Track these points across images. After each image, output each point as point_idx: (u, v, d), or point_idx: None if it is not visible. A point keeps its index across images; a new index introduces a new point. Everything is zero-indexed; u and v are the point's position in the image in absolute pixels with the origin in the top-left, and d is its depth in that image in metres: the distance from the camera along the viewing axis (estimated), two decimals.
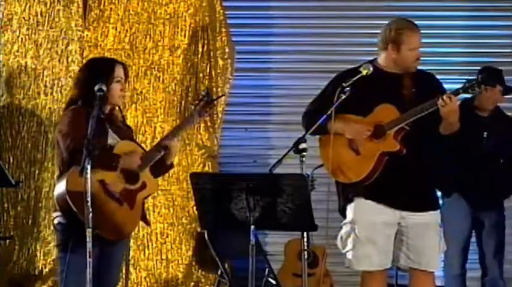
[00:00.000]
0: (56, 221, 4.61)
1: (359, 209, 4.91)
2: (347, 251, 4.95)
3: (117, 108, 4.82)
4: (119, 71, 4.70)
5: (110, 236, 4.52)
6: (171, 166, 4.91)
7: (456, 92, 4.81)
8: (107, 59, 4.91)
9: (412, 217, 4.90)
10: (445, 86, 5.07)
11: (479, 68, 5.94)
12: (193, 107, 4.94)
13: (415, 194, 4.89)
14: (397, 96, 4.89)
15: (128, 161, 4.59)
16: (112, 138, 4.65)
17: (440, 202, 5.95)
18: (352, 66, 5.03)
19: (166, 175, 6.93)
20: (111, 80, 4.63)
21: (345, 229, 4.97)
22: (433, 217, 4.96)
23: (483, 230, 6.01)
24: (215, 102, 5.02)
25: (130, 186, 4.62)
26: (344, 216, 5.01)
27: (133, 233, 6.76)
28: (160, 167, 4.82)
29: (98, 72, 4.65)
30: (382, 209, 4.87)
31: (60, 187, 4.50)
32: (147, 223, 4.94)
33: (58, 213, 4.58)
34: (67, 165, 4.53)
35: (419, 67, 5.04)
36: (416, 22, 5.05)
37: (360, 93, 4.77)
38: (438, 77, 5.14)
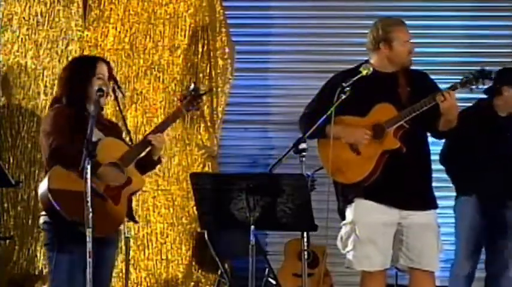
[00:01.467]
0: (41, 220, 4.59)
1: (359, 209, 4.91)
2: (347, 252, 4.95)
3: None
4: (102, 68, 4.64)
5: (95, 232, 4.35)
6: (158, 161, 4.80)
7: (454, 87, 4.84)
8: (90, 57, 4.84)
9: (412, 216, 4.90)
10: (444, 86, 5.07)
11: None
12: (179, 102, 4.89)
13: (414, 192, 4.89)
14: (394, 95, 4.89)
15: (108, 174, 4.51)
16: (97, 135, 4.59)
17: (449, 202, 5.99)
18: (351, 66, 5.03)
19: (167, 175, 7.01)
20: (92, 77, 4.57)
21: (344, 230, 4.97)
22: (431, 216, 4.96)
23: (497, 229, 5.98)
24: (203, 97, 4.92)
25: None
26: (343, 218, 5.00)
27: (133, 233, 6.80)
28: (147, 163, 4.76)
29: (79, 70, 4.62)
30: (383, 209, 4.88)
31: (43, 186, 4.48)
32: (135, 221, 4.81)
33: (44, 212, 4.57)
34: (49, 164, 4.51)
35: (414, 67, 5.04)
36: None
37: (356, 94, 4.77)
38: (437, 77, 5.15)
